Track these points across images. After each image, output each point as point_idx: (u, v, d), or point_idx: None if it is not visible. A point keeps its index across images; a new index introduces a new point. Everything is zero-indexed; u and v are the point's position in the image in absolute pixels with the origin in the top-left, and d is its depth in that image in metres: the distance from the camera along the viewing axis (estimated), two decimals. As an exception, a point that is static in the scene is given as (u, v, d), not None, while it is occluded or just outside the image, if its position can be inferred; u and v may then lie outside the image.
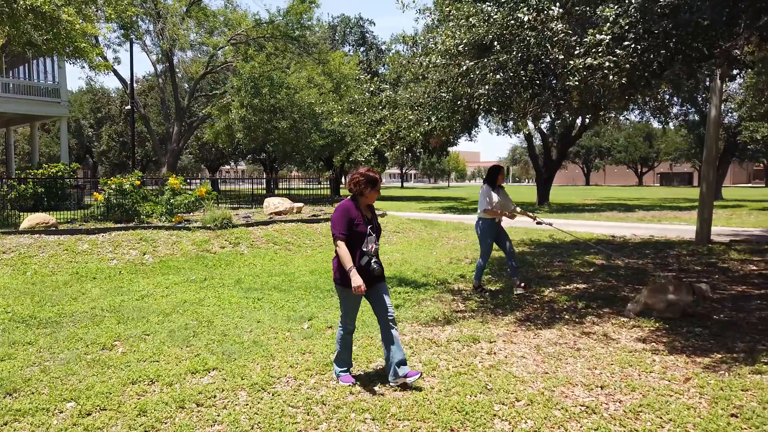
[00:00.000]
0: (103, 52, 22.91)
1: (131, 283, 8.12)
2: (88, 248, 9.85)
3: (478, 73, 6.54)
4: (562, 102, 7.12)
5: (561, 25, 5.76)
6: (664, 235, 13.54)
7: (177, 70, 28.11)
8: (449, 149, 48.84)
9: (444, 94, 7.11)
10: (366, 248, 4.11)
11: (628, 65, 5.50)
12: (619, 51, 5.45)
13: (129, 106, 26.18)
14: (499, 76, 6.30)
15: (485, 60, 6.47)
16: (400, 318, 6.13)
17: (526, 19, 5.76)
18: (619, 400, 3.95)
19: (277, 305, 6.74)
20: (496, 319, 6.13)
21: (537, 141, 31.04)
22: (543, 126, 28.24)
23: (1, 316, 6.22)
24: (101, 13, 19.61)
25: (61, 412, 3.81)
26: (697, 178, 49.56)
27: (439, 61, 6.82)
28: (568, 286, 7.82)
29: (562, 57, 5.87)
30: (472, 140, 58.38)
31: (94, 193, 12.56)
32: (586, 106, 8.10)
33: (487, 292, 7.42)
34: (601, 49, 5.39)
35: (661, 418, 3.64)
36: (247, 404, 3.92)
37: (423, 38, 9.32)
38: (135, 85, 33.67)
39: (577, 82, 5.76)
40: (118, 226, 10.97)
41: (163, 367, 4.62)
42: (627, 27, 5.37)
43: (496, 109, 7.19)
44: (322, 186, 23.69)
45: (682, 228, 15.54)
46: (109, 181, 12.04)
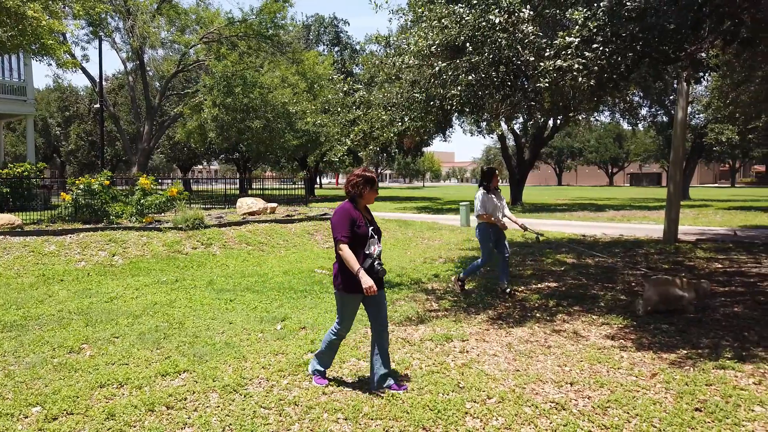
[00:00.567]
0: (71, 50, 22.41)
1: (100, 284, 7.97)
2: (55, 250, 9.64)
3: (450, 74, 6.59)
4: (533, 103, 7.22)
5: (531, 28, 5.85)
6: (633, 235, 13.82)
7: (148, 69, 27.67)
8: (424, 149, 49.10)
9: (417, 95, 7.15)
10: (369, 251, 3.99)
11: (597, 67, 5.61)
12: (588, 53, 5.54)
13: (98, 105, 25.68)
14: (471, 77, 6.36)
15: (457, 61, 6.52)
16: (374, 318, 6.13)
17: (498, 21, 5.83)
18: (588, 396, 4.02)
19: (249, 306, 6.68)
20: (469, 318, 6.19)
21: (510, 142, 31.32)
22: (516, 127, 28.58)
23: (-36, 320, 6.05)
24: (69, 10, 19.22)
25: (26, 417, 3.73)
26: (666, 179, 50.79)
27: (412, 61, 6.86)
28: (539, 285, 7.92)
29: (533, 59, 5.96)
30: (446, 141, 58.75)
31: (62, 194, 12.29)
32: (557, 107, 8.23)
33: (462, 292, 7.43)
34: (570, 52, 5.48)
35: (628, 413, 3.72)
36: (219, 406, 3.89)
37: (397, 39, 9.35)
38: (104, 83, 33.05)
39: (548, 84, 5.85)
40: (87, 227, 10.75)
41: (133, 370, 4.54)
42: (595, 30, 5.47)
43: (468, 110, 7.26)
44: (297, 186, 23.56)
45: (651, 227, 15.88)
46: (77, 181, 11.80)
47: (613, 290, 7.52)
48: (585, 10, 5.57)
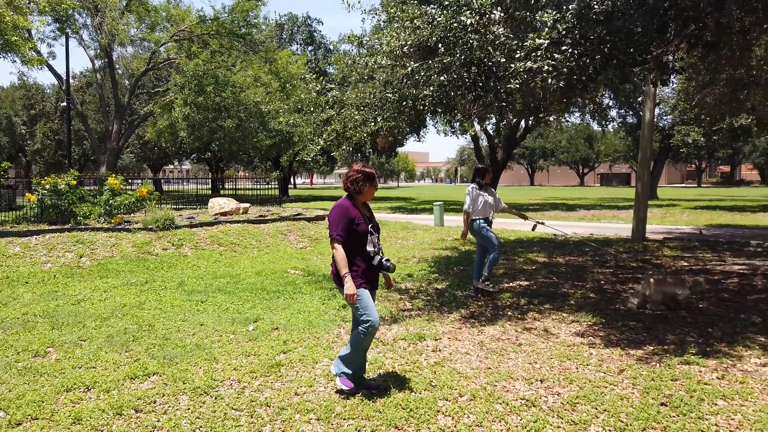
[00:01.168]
0: (37, 46, 21.86)
1: (66, 287, 7.80)
2: (20, 251, 9.39)
3: (422, 74, 6.62)
4: (505, 104, 7.29)
5: (502, 29, 5.91)
6: (603, 234, 14.06)
7: (117, 66, 27.15)
8: (398, 150, 49.19)
9: (390, 95, 7.16)
10: (371, 248, 3.95)
11: (566, 69, 5.69)
12: (557, 55, 5.63)
13: (65, 103, 25.10)
14: (443, 78, 6.40)
15: (430, 62, 6.55)
16: (347, 318, 6.13)
17: (469, 22, 5.87)
18: (558, 392, 4.08)
19: (221, 307, 6.61)
20: (442, 317, 6.22)
21: (483, 142, 31.60)
22: (489, 127, 28.82)
23: None
24: (34, 6, 18.74)
25: (-11, 424, 3.63)
26: (635, 179, 51.82)
27: (384, 62, 6.87)
28: (511, 284, 8.01)
29: (504, 60, 6.02)
30: (420, 141, 59.10)
31: (27, 194, 11.97)
32: (529, 108, 8.33)
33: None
34: (540, 53, 5.56)
35: (597, 408, 3.79)
36: (189, 408, 3.84)
37: (370, 39, 9.36)
38: (72, 81, 32.30)
39: (518, 85, 5.91)
40: (53, 228, 10.51)
41: (100, 374, 4.46)
42: (564, 32, 5.55)
43: (441, 110, 7.30)
44: (271, 186, 23.39)
45: (620, 226, 16.19)
46: (43, 181, 11.51)
47: (583, 288, 7.65)
48: (554, 13, 5.65)
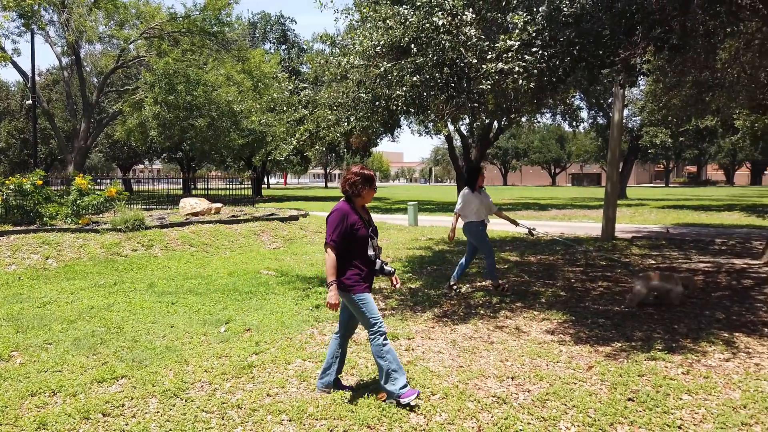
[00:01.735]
0: (1, 43, 21.29)
1: (32, 289, 7.61)
2: (-17, 253, 9.13)
3: (395, 74, 6.64)
4: (477, 105, 7.36)
5: (474, 31, 5.96)
6: (574, 233, 14.28)
7: (85, 64, 26.57)
8: (372, 149, 49.19)
9: (363, 95, 7.16)
10: (371, 252, 3.90)
11: (537, 70, 5.77)
12: (528, 57, 5.70)
13: (30, 101, 24.47)
14: (415, 78, 6.42)
15: (402, 62, 6.57)
16: (321, 319, 6.11)
17: (441, 23, 5.91)
18: (528, 389, 4.14)
19: (192, 309, 6.53)
20: (415, 317, 6.25)
21: (457, 142, 31.80)
22: (462, 128, 29.02)
23: None
24: (-3, 0, 18.23)
25: (-51, 431, 3.53)
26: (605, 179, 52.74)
27: (357, 61, 6.87)
28: (484, 282, 8.08)
29: (476, 61, 6.07)
30: (394, 141, 59.32)
31: (-9, 194, 11.64)
32: (501, 109, 8.41)
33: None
34: (511, 55, 5.62)
35: (566, 404, 3.85)
36: (158, 412, 3.79)
37: (343, 38, 9.34)
38: (38, 78, 31.52)
39: (490, 86, 5.98)
40: (18, 228, 10.24)
41: (67, 377, 4.37)
42: (535, 34, 5.63)
43: (413, 111, 7.33)
44: (244, 186, 23.16)
45: (590, 225, 16.46)
46: (7, 181, 11.21)
47: (554, 287, 7.76)
48: (525, 15, 5.72)
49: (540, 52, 5.65)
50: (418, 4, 6.25)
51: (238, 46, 26.37)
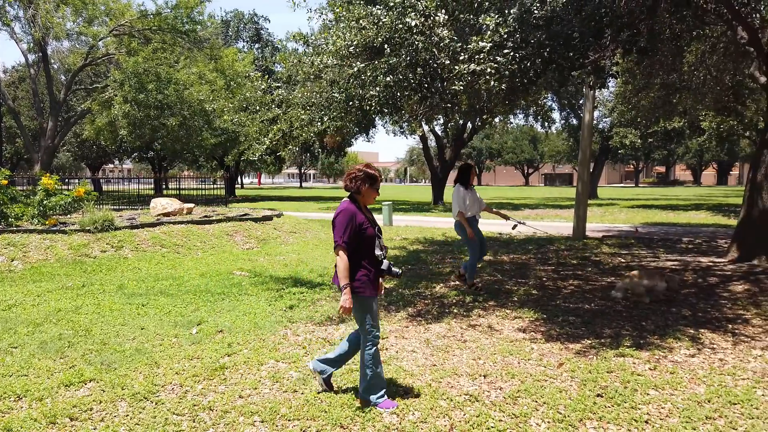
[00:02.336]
0: (-37, 38, 20.68)
1: (-3, 292, 7.41)
2: (-55, 255, 8.86)
3: (369, 74, 6.65)
4: (450, 105, 7.41)
5: (447, 32, 6.00)
6: (546, 232, 14.47)
7: (52, 61, 25.98)
8: (347, 149, 49.11)
9: (336, 95, 7.16)
10: (379, 251, 3.79)
11: (508, 72, 5.84)
12: (499, 58, 5.77)
13: (-5, 99, 23.83)
14: (389, 79, 6.45)
15: (376, 62, 6.59)
16: (294, 319, 6.09)
17: (414, 24, 5.94)
18: (500, 387, 4.18)
19: (163, 310, 6.44)
20: (390, 316, 6.26)
21: (432, 143, 31.95)
22: (437, 128, 29.19)
23: None
24: (-40, -5, 17.72)
25: None
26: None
27: (330, 61, 6.86)
28: (457, 282, 8.13)
29: (449, 62, 6.12)
30: (369, 141, 59.38)
31: (-47, 194, 11.29)
32: (474, 110, 8.49)
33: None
34: (483, 56, 5.68)
35: (537, 401, 3.91)
36: (128, 415, 3.73)
37: (316, 38, 9.31)
38: (2, 75, 30.70)
39: (463, 87, 6.03)
40: (-18, 230, 9.95)
41: (33, 381, 4.26)
42: (506, 36, 5.70)
43: (387, 111, 7.34)
44: (217, 186, 22.90)
45: (562, 225, 16.70)
46: (-29, 181, 10.89)
47: (526, 285, 7.85)
48: (497, 17, 5.79)
49: (511, 54, 5.73)
50: (391, 4, 6.27)
51: (211, 44, 26.03)
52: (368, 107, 7.03)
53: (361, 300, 3.75)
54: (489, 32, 5.69)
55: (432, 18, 6.07)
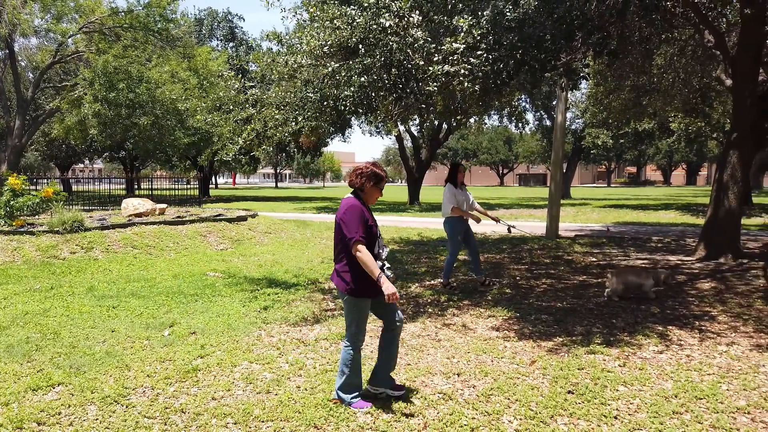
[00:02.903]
0: (-75, 34, 20.09)
1: (-39, 295, 7.21)
2: None
3: (343, 74, 6.65)
4: (425, 106, 7.45)
5: (421, 33, 6.03)
6: (520, 231, 14.61)
7: (19, 58, 25.38)
8: (323, 149, 48.93)
9: (311, 95, 7.14)
10: (378, 251, 3.76)
11: (482, 73, 5.90)
12: (473, 59, 5.82)
13: (-41, 97, 23.17)
14: (363, 79, 6.45)
15: (350, 62, 6.59)
16: (269, 320, 6.05)
17: (388, 24, 5.96)
18: (474, 385, 4.22)
19: (134, 313, 6.34)
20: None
21: (408, 143, 32.07)
22: (413, 128, 29.29)
23: None
24: None
25: None
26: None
27: (305, 61, 6.83)
28: (432, 281, 8.18)
29: (423, 63, 6.15)
30: (345, 141, 59.36)
31: None
32: (449, 110, 8.55)
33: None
34: (456, 57, 5.72)
35: (509, 399, 3.95)
36: (97, 419, 3.66)
37: (291, 37, 9.27)
38: (-33, 72, 29.84)
39: (437, 87, 6.07)
40: (-55, 231, 9.67)
41: (-2, 387, 4.16)
42: (480, 37, 5.75)
43: (362, 111, 7.35)
44: (191, 186, 22.61)
45: (536, 225, 16.89)
46: (-67, 181, 10.57)
47: (499, 284, 7.93)
48: (470, 18, 5.84)
49: (485, 55, 5.78)
50: (365, 5, 6.28)
51: (184, 42, 25.71)
52: (343, 107, 7.03)
53: (356, 301, 3.75)
54: (462, 34, 5.74)
55: (406, 19, 6.09)
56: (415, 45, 6.15)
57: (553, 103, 27.30)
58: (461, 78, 5.85)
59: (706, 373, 4.41)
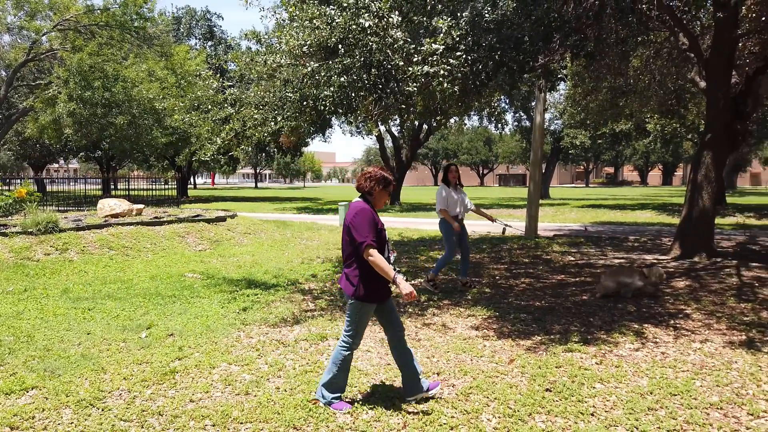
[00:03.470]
0: None
1: (-70, 298, 7.03)
2: None
3: (323, 74, 6.63)
4: (405, 106, 7.47)
5: (400, 33, 6.04)
6: (500, 231, 14.73)
7: (-9, 56, 24.81)
8: (303, 149, 48.75)
9: (290, 94, 7.10)
10: (387, 255, 3.75)
11: (461, 74, 5.93)
12: (452, 60, 5.85)
13: (-71, 95, 22.58)
14: (343, 79, 6.44)
15: (330, 62, 6.57)
16: (248, 321, 6.01)
17: (368, 24, 5.96)
18: (453, 384, 4.24)
19: (111, 315, 6.25)
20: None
21: (389, 143, 32.10)
22: (393, 128, 29.33)
23: None
24: None
25: None
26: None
27: (284, 60, 6.80)
28: (413, 281, 8.20)
29: (402, 63, 6.16)
30: (326, 141, 59.33)
31: None
32: (429, 111, 8.58)
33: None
34: (436, 58, 5.75)
35: (488, 397, 3.98)
36: (72, 422, 3.60)
37: (270, 37, 9.22)
38: (-63, 70, 29.08)
39: (417, 88, 6.09)
40: None
41: (-31, 391, 4.07)
42: (458, 38, 5.78)
43: (342, 111, 7.34)
44: (169, 186, 22.34)
45: (515, 224, 17.02)
46: None
47: (479, 283, 7.98)
48: (449, 19, 5.87)
49: (464, 56, 5.82)
50: (345, 5, 6.27)
51: (161, 41, 25.36)
52: (323, 107, 7.01)
53: (361, 306, 3.77)
54: (442, 35, 5.76)
55: (386, 19, 6.10)
56: (395, 45, 6.16)
57: (532, 104, 27.53)
58: (441, 79, 5.88)
59: (680, 370, 4.48)
